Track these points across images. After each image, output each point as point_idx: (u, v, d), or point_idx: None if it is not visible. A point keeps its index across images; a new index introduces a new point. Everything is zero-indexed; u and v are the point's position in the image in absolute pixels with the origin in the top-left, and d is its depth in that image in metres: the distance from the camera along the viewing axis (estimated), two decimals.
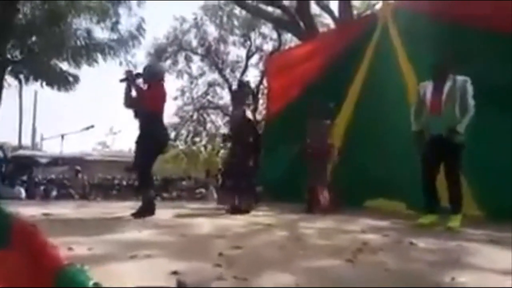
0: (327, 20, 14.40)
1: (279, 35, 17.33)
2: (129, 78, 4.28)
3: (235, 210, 4.63)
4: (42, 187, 12.16)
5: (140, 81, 4.35)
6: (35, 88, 17.74)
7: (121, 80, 4.30)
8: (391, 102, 5.51)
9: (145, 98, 4.19)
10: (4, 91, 9.33)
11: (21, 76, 9.16)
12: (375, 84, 5.86)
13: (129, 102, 4.32)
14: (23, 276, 1.18)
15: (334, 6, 12.13)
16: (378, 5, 8.95)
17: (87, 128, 7.13)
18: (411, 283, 1.68)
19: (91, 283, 1.31)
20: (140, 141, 4.23)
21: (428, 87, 3.97)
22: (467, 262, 2.13)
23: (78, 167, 13.74)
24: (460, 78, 3.83)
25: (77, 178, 13.18)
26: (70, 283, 1.28)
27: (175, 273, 1.65)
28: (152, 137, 4.18)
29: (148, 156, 4.23)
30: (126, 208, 4.58)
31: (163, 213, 4.73)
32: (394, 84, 5.55)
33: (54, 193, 11.82)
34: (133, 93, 4.28)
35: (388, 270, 1.89)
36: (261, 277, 1.68)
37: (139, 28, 8.93)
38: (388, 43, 5.80)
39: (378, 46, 6.03)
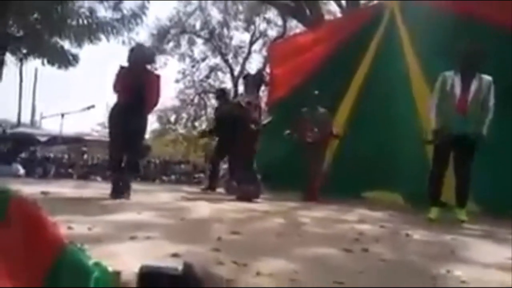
0: (334, 7, 14.27)
1: (284, 21, 17.16)
2: None
3: (244, 198, 4.62)
4: (40, 166, 12.16)
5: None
6: (36, 66, 17.62)
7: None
8: (394, 93, 5.51)
9: (148, 93, 4.11)
10: (5, 68, 9.26)
11: (22, 53, 9.09)
12: (379, 75, 5.85)
13: (118, 87, 4.21)
14: (22, 252, 1.18)
15: None
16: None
17: (88, 108, 7.13)
18: (406, 274, 1.71)
19: (91, 262, 1.32)
20: (132, 128, 4.08)
21: (455, 80, 3.72)
22: (462, 256, 2.15)
23: (85, 148, 13.77)
24: (486, 77, 3.70)
25: (82, 158, 13.22)
26: (70, 261, 1.28)
27: (175, 255, 1.67)
28: (144, 127, 4.29)
29: (140, 145, 4.31)
30: None
31: (163, 196, 4.77)
32: (398, 75, 5.55)
33: (52, 171, 11.84)
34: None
35: (384, 261, 1.92)
36: (260, 263, 1.70)
37: (143, 6, 8.83)
38: (394, 33, 5.77)
39: (384, 35, 6.00)
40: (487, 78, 3.71)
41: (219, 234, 2.28)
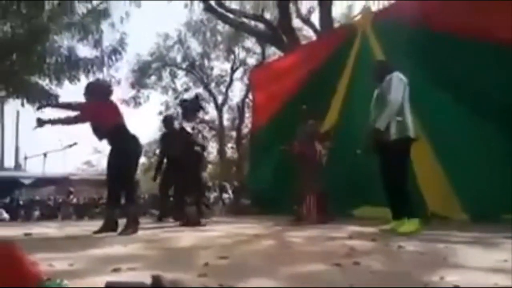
0: (309, 33, 14.65)
1: (263, 49, 17.51)
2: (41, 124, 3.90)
3: (188, 223, 4.69)
4: (26, 209, 11.86)
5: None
6: (17, 108, 17.46)
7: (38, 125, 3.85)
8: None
9: (99, 112, 3.94)
10: None
11: (1, 95, 9.01)
12: (358, 92, 5.93)
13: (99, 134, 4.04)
14: None
15: (315, 19, 12.39)
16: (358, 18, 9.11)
17: (70, 146, 7.03)
18: (398, 283, 1.66)
19: None
20: (116, 158, 3.99)
21: (375, 92, 3.81)
22: (455, 262, 2.12)
23: (72, 188, 13.53)
24: (388, 76, 3.60)
25: (69, 199, 12.97)
26: None
27: None
28: (127, 149, 4.01)
29: (130, 170, 4.13)
30: None
31: (149, 228, 4.66)
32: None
33: (36, 213, 11.56)
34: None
35: (375, 272, 1.87)
36: (247, 284, 1.64)
37: (122, 43, 8.91)
38: (368, 52, 5.90)
39: (359, 54, 6.14)
40: (389, 76, 3.58)
41: (206, 260, 2.21)
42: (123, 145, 4.01)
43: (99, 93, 4.07)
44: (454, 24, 4.91)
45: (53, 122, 3.96)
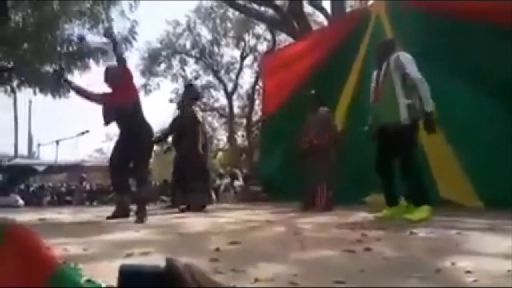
0: (321, 18, 14.43)
1: (273, 35, 17.32)
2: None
3: (190, 209, 4.76)
4: (37, 195, 12.11)
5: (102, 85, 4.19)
6: (30, 97, 17.70)
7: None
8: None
9: (117, 94, 4.01)
10: None
11: (14, 84, 9.09)
12: (371, 78, 5.83)
13: (108, 118, 4.11)
14: (17, 275, 1.18)
15: (327, 4, 12.17)
16: (371, 2, 8.94)
17: (82, 133, 7.09)
18: (410, 269, 1.66)
19: (83, 280, 1.31)
20: (130, 142, 4.01)
21: (373, 74, 3.67)
22: (467, 248, 2.10)
23: (84, 175, 13.78)
24: (392, 56, 3.44)
25: (82, 185, 13.21)
26: (62, 281, 1.28)
27: None
28: (141, 133, 4.03)
29: (146, 155, 4.18)
30: None
31: (162, 214, 4.72)
32: None
33: (48, 199, 11.80)
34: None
35: (387, 258, 1.87)
36: (258, 269, 1.65)
37: (132, 31, 8.91)
38: (382, 37, 5.77)
39: (372, 40, 6.02)
40: (394, 55, 3.43)
41: (217, 245, 2.23)
42: (139, 126, 4.06)
43: (118, 76, 4.09)
44: (469, 8, 4.79)
45: (78, 90, 4.12)
